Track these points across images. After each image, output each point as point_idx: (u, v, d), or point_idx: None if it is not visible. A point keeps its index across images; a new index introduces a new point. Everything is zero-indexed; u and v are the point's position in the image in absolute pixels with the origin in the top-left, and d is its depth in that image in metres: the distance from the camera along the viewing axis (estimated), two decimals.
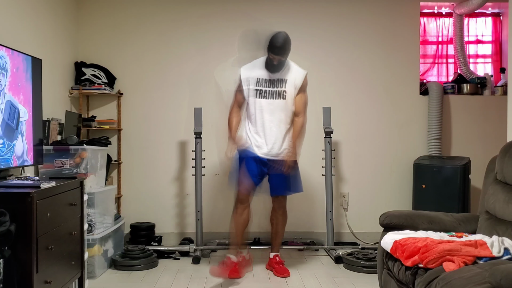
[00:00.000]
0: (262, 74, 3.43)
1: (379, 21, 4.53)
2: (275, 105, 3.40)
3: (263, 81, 3.41)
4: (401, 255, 2.22)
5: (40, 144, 3.05)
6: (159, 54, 4.46)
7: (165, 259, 3.96)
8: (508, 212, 2.40)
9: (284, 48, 3.32)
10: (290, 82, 3.42)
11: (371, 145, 4.53)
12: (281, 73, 3.42)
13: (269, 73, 3.42)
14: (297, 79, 3.44)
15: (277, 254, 3.64)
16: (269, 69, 3.41)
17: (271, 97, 3.40)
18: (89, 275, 3.35)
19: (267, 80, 3.42)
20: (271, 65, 3.38)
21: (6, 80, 2.60)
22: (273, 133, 3.41)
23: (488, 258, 2.04)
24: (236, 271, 3.41)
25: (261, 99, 3.40)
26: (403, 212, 2.70)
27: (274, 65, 3.37)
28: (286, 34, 3.34)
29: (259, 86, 3.41)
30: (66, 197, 2.72)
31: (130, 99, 4.45)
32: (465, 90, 4.60)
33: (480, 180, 2.98)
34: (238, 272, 3.41)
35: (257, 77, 3.42)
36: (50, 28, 3.80)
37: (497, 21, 4.85)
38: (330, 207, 4.08)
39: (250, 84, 3.43)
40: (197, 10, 4.47)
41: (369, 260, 3.61)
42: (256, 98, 3.41)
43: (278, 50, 3.30)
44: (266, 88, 3.41)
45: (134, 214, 4.40)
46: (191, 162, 4.27)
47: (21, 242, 2.23)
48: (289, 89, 3.42)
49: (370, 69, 4.53)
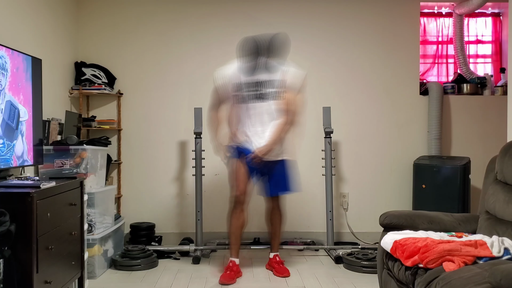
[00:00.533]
0: (244, 77, 3.39)
1: (379, 21, 4.53)
2: (260, 108, 3.37)
3: (247, 84, 3.38)
4: (401, 255, 2.22)
5: (40, 144, 3.05)
6: (159, 54, 4.47)
7: (165, 259, 3.96)
8: (508, 212, 2.40)
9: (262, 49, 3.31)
10: (276, 82, 3.38)
11: (371, 145, 4.53)
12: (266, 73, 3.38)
13: (251, 76, 3.37)
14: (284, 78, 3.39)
15: (276, 253, 3.64)
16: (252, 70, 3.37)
17: (256, 99, 3.37)
18: (89, 275, 3.35)
19: (251, 83, 3.38)
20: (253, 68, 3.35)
21: (6, 80, 2.60)
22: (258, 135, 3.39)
23: (488, 258, 2.04)
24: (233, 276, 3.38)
25: (245, 103, 3.38)
26: (403, 212, 2.70)
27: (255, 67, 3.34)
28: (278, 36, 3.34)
29: (241, 90, 3.38)
30: (66, 197, 2.72)
31: (130, 99, 4.45)
32: (465, 90, 4.60)
33: (480, 180, 2.98)
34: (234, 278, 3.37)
35: (238, 81, 3.39)
36: (50, 28, 3.80)
37: (497, 21, 4.85)
38: (330, 207, 4.08)
39: (230, 88, 3.41)
40: (197, 10, 4.47)
41: (369, 260, 3.61)
42: (239, 103, 3.40)
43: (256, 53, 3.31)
44: (247, 93, 3.37)
45: (134, 214, 4.40)
46: (191, 162, 4.27)
47: (21, 242, 2.22)
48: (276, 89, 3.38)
49: (370, 69, 4.53)
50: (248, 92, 3.38)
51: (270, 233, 3.67)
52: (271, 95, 3.39)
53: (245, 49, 3.37)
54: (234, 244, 3.50)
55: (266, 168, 3.46)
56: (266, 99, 3.38)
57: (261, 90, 3.38)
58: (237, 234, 3.47)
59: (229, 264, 3.45)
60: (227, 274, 3.35)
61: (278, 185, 3.50)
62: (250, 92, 3.38)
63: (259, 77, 3.38)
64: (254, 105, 3.38)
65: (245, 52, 3.37)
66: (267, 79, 3.39)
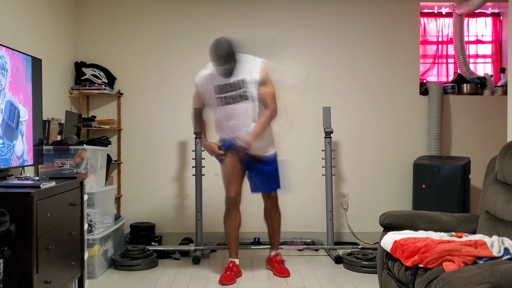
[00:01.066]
0: (219, 81, 3.38)
1: (379, 21, 4.53)
2: (239, 109, 3.36)
3: (222, 87, 3.37)
4: (401, 255, 2.22)
5: (40, 144, 3.05)
6: (159, 54, 4.46)
7: (165, 259, 3.96)
8: (508, 212, 2.40)
9: (224, 56, 3.25)
10: (248, 80, 3.35)
11: (371, 145, 4.53)
12: (236, 74, 3.35)
13: (225, 78, 3.36)
14: (252, 74, 3.36)
15: (277, 252, 3.64)
16: (223, 75, 3.35)
17: (233, 101, 3.36)
18: (89, 275, 3.35)
19: (225, 85, 3.36)
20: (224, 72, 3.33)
21: (6, 80, 2.60)
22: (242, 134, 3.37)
23: (488, 258, 2.04)
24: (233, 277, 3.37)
25: (224, 106, 3.38)
26: (403, 212, 2.70)
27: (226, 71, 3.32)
28: (224, 39, 3.29)
29: (218, 93, 3.38)
30: (66, 197, 2.72)
31: (130, 99, 4.45)
32: (465, 90, 4.60)
33: (480, 180, 2.98)
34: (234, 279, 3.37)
35: (214, 84, 3.39)
36: (50, 28, 3.80)
37: (497, 21, 4.85)
38: (330, 207, 4.08)
39: (209, 93, 3.41)
40: (197, 10, 4.47)
41: (369, 260, 3.61)
42: (218, 106, 3.40)
43: (219, 60, 3.26)
44: (226, 94, 3.36)
45: (134, 214, 4.40)
46: (191, 162, 4.27)
47: (21, 242, 2.22)
48: (250, 87, 3.35)
49: (370, 69, 4.53)
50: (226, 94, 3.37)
51: (269, 232, 3.68)
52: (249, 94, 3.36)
53: (212, 58, 3.32)
54: (232, 245, 3.50)
55: (254, 164, 3.45)
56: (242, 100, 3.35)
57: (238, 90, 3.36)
58: (235, 235, 3.49)
59: (229, 264, 3.45)
60: (227, 275, 3.35)
61: (268, 182, 3.50)
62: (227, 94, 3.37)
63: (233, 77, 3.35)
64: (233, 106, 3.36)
65: (213, 59, 3.32)
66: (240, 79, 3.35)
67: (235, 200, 3.45)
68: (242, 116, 3.37)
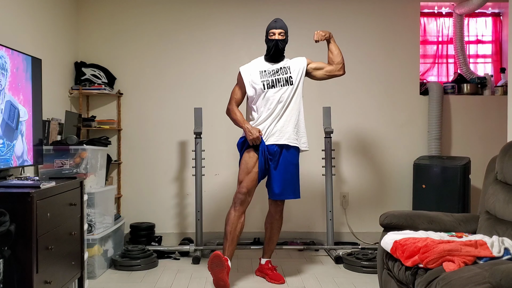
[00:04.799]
0: (264, 67, 3.42)
1: (379, 21, 4.53)
2: (283, 93, 3.36)
3: (267, 72, 3.40)
4: (401, 255, 2.22)
5: (40, 144, 3.05)
6: (159, 54, 4.46)
7: (165, 259, 3.96)
8: (508, 212, 2.40)
9: (284, 26, 3.43)
10: (294, 67, 3.42)
11: (371, 145, 4.53)
12: (283, 62, 3.43)
13: (271, 64, 3.42)
14: (298, 63, 3.45)
15: (269, 260, 3.50)
16: (270, 61, 3.42)
17: (278, 85, 3.37)
18: (89, 275, 3.35)
19: (270, 70, 3.40)
20: (271, 56, 3.40)
21: (6, 80, 2.60)
22: (282, 121, 3.35)
23: (488, 258, 2.04)
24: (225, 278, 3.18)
25: (268, 89, 3.37)
26: (403, 212, 2.70)
27: (274, 54, 3.38)
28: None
29: (263, 77, 3.39)
30: (66, 197, 2.72)
31: (130, 99, 4.45)
32: (465, 90, 4.60)
33: (480, 180, 2.98)
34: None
35: (259, 70, 3.41)
36: (50, 28, 3.80)
37: (497, 21, 4.85)
38: (330, 207, 4.08)
39: (253, 79, 3.40)
40: (197, 10, 4.47)
41: (369, 260, 3.61)
42: (263, 90, 3.36)
43: (276, 23, 3.41)
44: (271, 78, 3.39)
45: (134, 214, 4.40)
46: (191, 162, 4.27)
47: (21, 242, 2.22)
48: (294, 74, 3.40)
49: (370, 69, 4.53)
50: (272, 77, 3.39)
51: (266, 238, 3.52)
52: (294, 79, 3.39)
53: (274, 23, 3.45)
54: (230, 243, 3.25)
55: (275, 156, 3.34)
56: (287, 85, 3.38)
57: (283, 75, 3.39)
58: (234, 235, 3.26)
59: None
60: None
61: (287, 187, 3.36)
62: (273, 77, 3.39)
63: (279, 64, 3.43)
64: (277, 90, 3.36)
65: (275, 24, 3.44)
66: (286, 65, 3.43)
67: (244, 197, 3.28)
68: (284, 101, 3.35)
